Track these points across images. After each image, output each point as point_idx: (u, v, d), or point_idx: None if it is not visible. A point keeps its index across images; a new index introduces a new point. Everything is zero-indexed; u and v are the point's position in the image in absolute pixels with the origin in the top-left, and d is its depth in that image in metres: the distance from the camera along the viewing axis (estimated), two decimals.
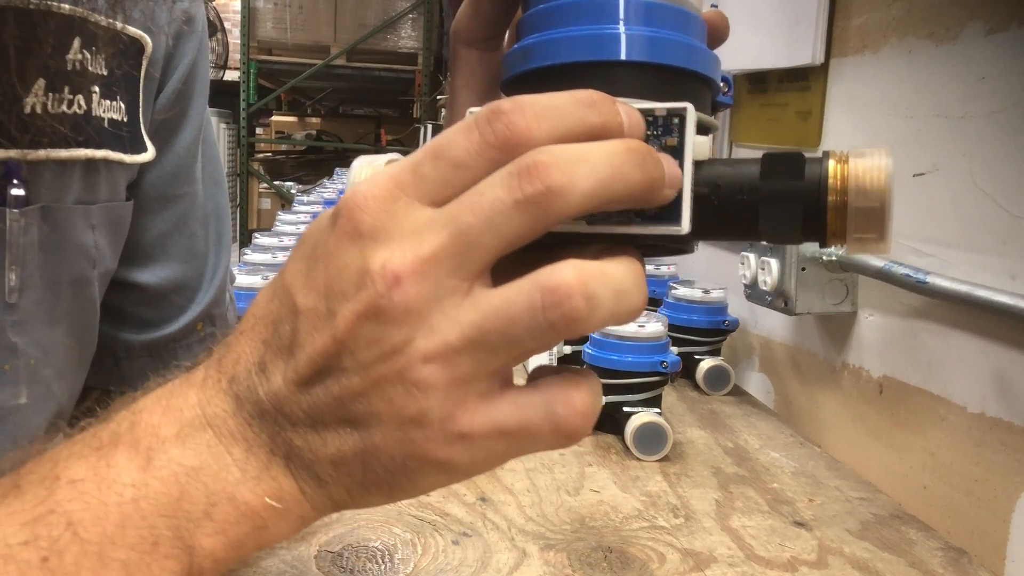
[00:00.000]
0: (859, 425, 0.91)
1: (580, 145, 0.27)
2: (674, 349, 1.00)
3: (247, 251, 1.51)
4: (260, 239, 1.64)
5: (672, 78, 0.31)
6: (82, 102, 0.44)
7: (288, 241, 1.62)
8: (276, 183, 5.82)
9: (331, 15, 5.48)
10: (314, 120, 7.21)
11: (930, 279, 0.75)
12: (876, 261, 0.83)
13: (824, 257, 0.89)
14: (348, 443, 0.27)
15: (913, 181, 0.82)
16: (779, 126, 1.09)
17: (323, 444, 0.28)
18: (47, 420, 0.47)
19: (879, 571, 0.69)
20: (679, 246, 0.32)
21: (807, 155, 0.30)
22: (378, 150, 6.61)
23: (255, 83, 5.53)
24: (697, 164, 0.30)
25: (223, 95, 5.41)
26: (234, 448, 0.28)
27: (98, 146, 0.45)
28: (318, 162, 6.45)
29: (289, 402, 0.28)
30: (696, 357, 1.13)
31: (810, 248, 0.89)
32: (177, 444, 0.28)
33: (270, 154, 6.93)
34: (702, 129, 0.31)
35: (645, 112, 0.30)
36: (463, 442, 0.27)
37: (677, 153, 0.30)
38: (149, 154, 0.49)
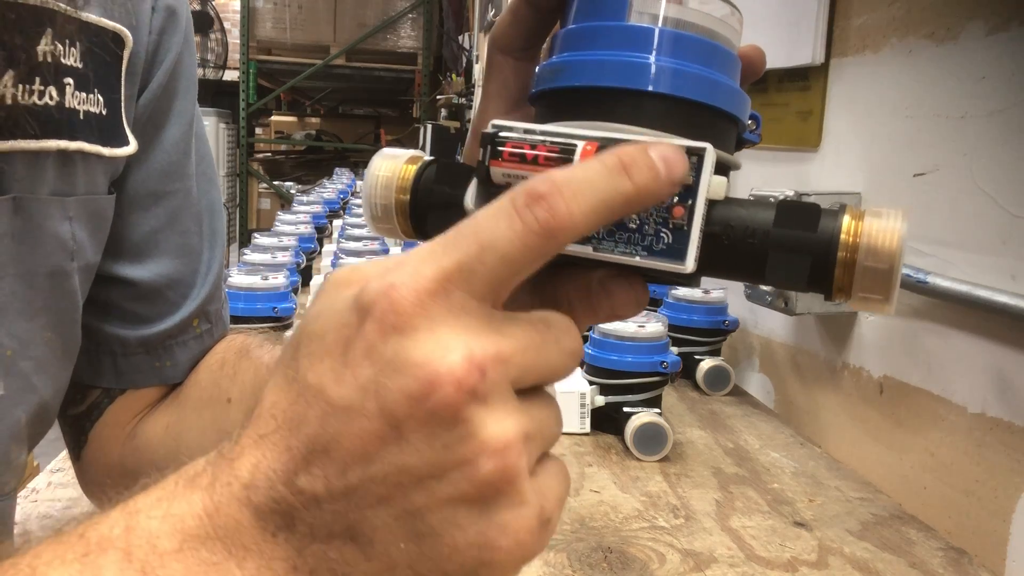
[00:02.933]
0: (859, 425, 0.91)
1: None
2: (674, 349, 1.00)
3: (247, 251, 1.51)
4: (259, 239, 1.64)
5: (697, 113, 0.31)
6: (54, 93, 0.44)
7: (288, 241, 1.62)
8: (275, 183, 5.82)
9: (331, 15, 5.48)
10: (313, 120, 7.20)
11: (930, 279, 0.75)
12: None
13: None
14: (402, 554, 0.25)
15: (913, 181, 0.82)
16: (779, 126, 1.09)
17: (364, 557, 0.25)
18: (28, 414, 0.47)
19: (879, 571, 0.68)
20: (683, 281, 0.31)
21: (824, 207, 0.30)
22: (378, 150, 6.60)
23: (254, 83, 5.53)
24: (712, 203, 0.30)
25: (223, 95, 5.41)
26: (247, 562, 0.25)
27: (71, 138, 0.45)
28: (317, 162, 6.44)
29: (326, 512, 0.25)
30: (696, 357, 1.13)
31: None
32: (178, 559, 0.25)
33: (269, 154, 6.92)
34: (722, 168, 0.30)
35: None
36: (548, 528, 0.26)
37: (691, 193, 0.29)
38: (131, 148, 0.49)
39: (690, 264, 0.29)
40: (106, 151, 0.48)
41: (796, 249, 0.30)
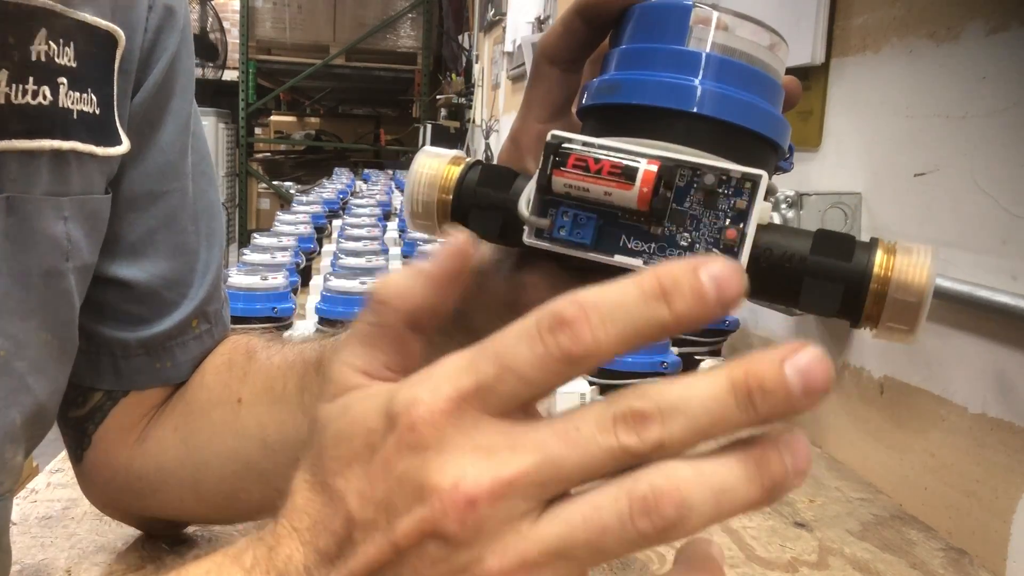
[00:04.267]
0: (860, 425, 0.91)
1: (682, 390, 0.24)
2: (674, 349, 1.00)
3: (246, 251, 1.51)
4: (259, 239, 1.64)
5: (747, 140, 0.32)
6: (47, 93, 0.44)
7: (287, 241, 1.61)
8: (275, 183, 5.82)
9: (330, 15, 5.48)
10: (313, 120, 7.21)
11: None
12: None
13: None
14: None
15: (913, 181, 0.82)
16: None
17: None
18: (23, 415, 0.47)
19: (880, 572, 0.68)
20: None
21: (858, 240, 0.31)
22: (377, 150, 6.61)
23: (254, 83, 5.53)
24: (760, 227, 0.31)
25: (222, 95, 5.42)
26: None
27: (65, 137, 0.45)
28: (317, 162, 6.44)
29: None
30: (696, 357, 1.13)
31: None
32: None
33: (269, 154, 6.93)
34: (766, 193, 0.31)
35: (720, 171, 0.30)
36: None
37: (743, 217, 0.30)
38: (123, 147, 0.49)
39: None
40: (99, 151, 0.48)
41: (831, 277, 0.31)
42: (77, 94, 0.45)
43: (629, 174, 0.30)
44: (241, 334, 0.60)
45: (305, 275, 1.61)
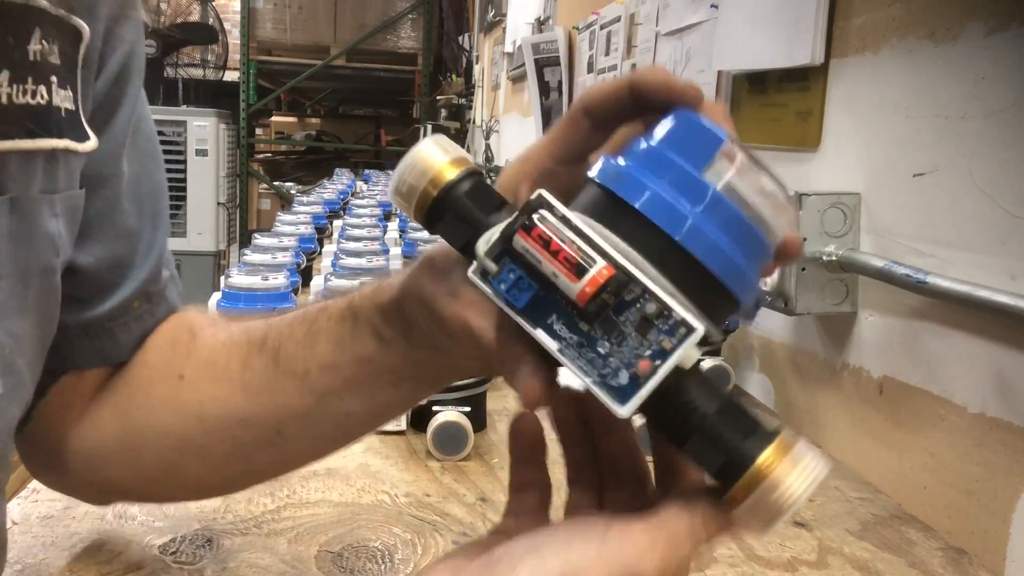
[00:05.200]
0: (859, 425, 0.91)
1: None
2: None
3: (247, 251, 1.51)
4: (260, 239, 1.64)
5: (712, 288, 0.32)
6: (44, 92, 0.44)
7: (288, 241, 1.62)
8: (276, 183, 5.82)
9: (331, 15, 5.48)
10: (314, 120, 7.21)
11: (930, 279, 0.75)
12: (876, 261, 0.83)
13: (824, 257, 0.89)
14: None
15: (913, 181, 0.82)
16: (779, 126, 1.09)
17: None
18: (20, 410, 0.47)
19: (879, 571, 0.69)
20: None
21: (764, 426, 0.32)
22: (378, 151, 6.61)
23: (255, 84, 5.53)
24: (677, 370, 0.31)
25: (223, 96, 5.41)
26: None
27: (59, 136, 0.45)
28: (318, 162, 6.44)
29: None
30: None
31: (810, 248, 0.89)
32: None
33: (270, 154, 6.93)
34: (701, 342, 0.32)
35: (664, 307, 0.31)
36: None
37: (664, 356, 0.31)
38: (92, 142, 0.49)
39: (626, 412, 0.31)
40: (80, 147, 0.48)
41: (717, 446, 0.31)
42: (62, 92, 0.46)
43: (580, 270, 0.31)
44: (185, 312, 0.60)
45: (306, 275, 1.62)
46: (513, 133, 3.29)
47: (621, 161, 0.34)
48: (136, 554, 0.64)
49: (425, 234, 1.72)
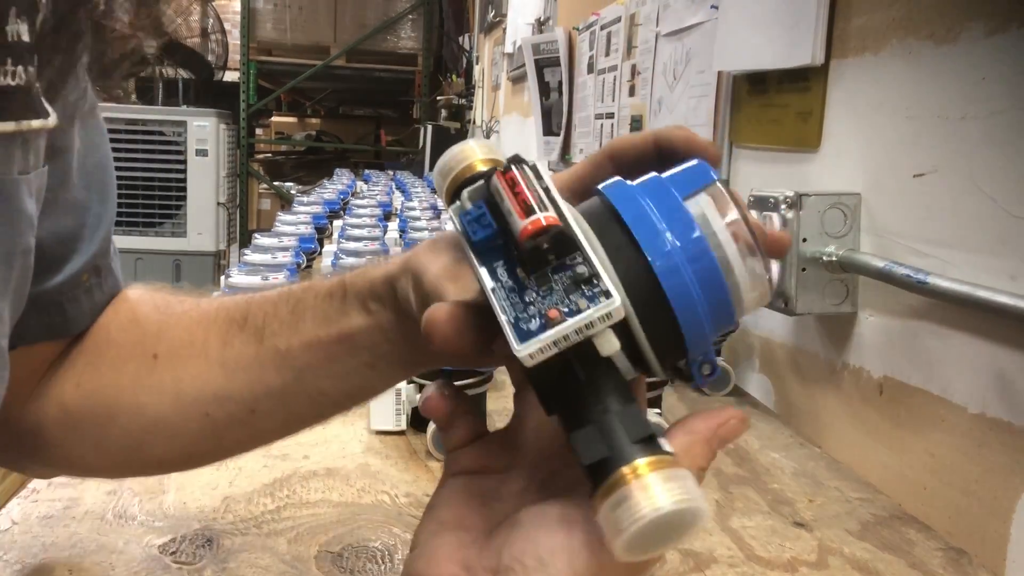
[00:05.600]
0: (859, 425, 0.91)
1: None
2: None
3: (247, 251, 1.51)
4: (260, 239, 1.64)
5: (665, 316, 0.32)
6: (22, 72, 0.44)
7: (288, 241, 1.62)
8: (276, 183, 5.82)
9: (331, 16, 5.48)
10: (314, 121, 7.21)
11: (930, 279, 0.75)
12: (877, 262, 0.83)
13: (824, 257, 0.89)
14: None
15: (913, 182, 0.82)
16: (779, 127, 1.09)
17: None
18: (4, 391, 0.47)
19: (879, 571, 0.69)
20: (518, 365, 0.32)
21: (659, 440, 0.31)
22: (378, 151, 6.61)
23: (255, 84, 5.53)
24: (592, 354, 0.32)
25: (223, 96, 5.41)
26: None
27: (36, 116, 0.45)
28: (318, 163, 6.45)
29: None
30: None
31: (810, 248, 0.89)
32: None
33: (270, 155, 6.93)
34: (637, 357, 0.32)
35: (594, 273, 0.31)
36: None
37: (576, 313, 0.31)
38: (54, 118, 0.49)
39: (523, 351, 0.31)
40: (47, 124, 0.48)
41: (606, 441, 0.31)
42: (31, 69, 0.45)
43: (529, 211, 0.32)
44: (139, 288, 0.60)
45: (306, 275, 1.61)
46: (513, 133, 3.29)
47: (629, 182, 0.35)
48: (136, 554, 0.64)
49: (425, 235, 1.73)
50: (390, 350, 0.47)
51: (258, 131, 6.51)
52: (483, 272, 0.33)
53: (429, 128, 4.85)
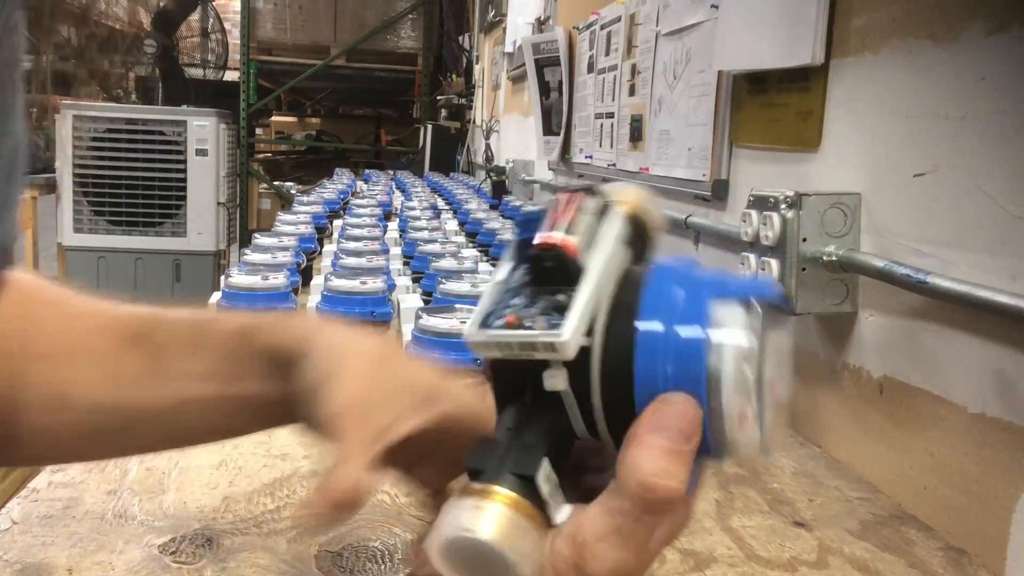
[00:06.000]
0: (859, 425, 0.91)
1: None
2: None
3: (247, 251, 1.51)
4: (260, 239, 1.64)
5: (627, 395, 0.32)
6: None
7: (288, 241, 1.62)
8: (276, 183, 5.82)
9: (331, 15, 5.49)
10: (314, 120, 7.21)
11: (930, 279, 0.75)
12: (877, 261, 0.83)
13: (824, 257, 0.89)
14: None
15: (913, 181, 0.82)
16: (779, 126, 1.09)
17: None
18: None
19: (879, 571, 0.69)
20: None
21: (543, 491, 0.31)
22: (378, 151, 6.62)
23: (255, 83, 5.53)
24: (534, 385, 0.33)
25: (223, 96, 5.42)
26: None
27: None
28: (318, 162, 6.45)
29: None
30: None
31: (810, 248, 0.89)
32: None
33: (270, 154, 6.93)
34: (584, 399, 0.32)
35: (569, 309, 0.32)
36: None
37: (529, 328, 0.32)
38: None
39: (468, 335, 0.33)
40: None
41: (483, 455, 0.32)
42: None
43: (554, 227, 0.34)
44: (41, 281, 0.58)
45: (306, 275, 1.61)
46: (513, 133, 3.29)
47: (683, 269, 0.34)
48: (136, 554, 0.64)
49: (425, 234, 1.73)
50: (275, 410, 0.47)
51: (258, 131, 6.51)
52: (504, 266, 0.35)
53: (429, 128, 4.85)
